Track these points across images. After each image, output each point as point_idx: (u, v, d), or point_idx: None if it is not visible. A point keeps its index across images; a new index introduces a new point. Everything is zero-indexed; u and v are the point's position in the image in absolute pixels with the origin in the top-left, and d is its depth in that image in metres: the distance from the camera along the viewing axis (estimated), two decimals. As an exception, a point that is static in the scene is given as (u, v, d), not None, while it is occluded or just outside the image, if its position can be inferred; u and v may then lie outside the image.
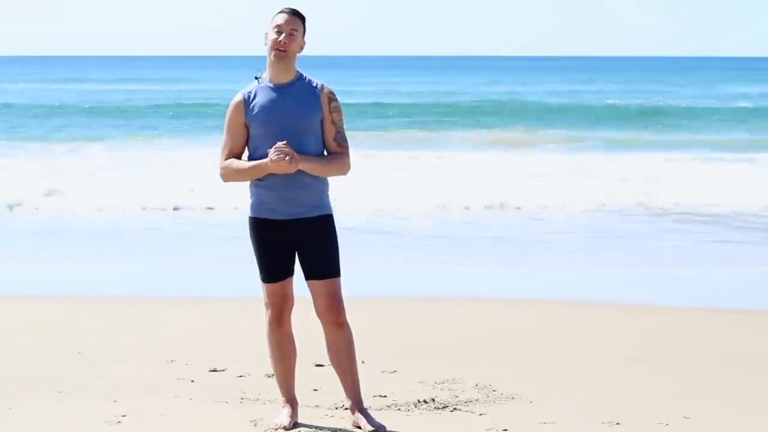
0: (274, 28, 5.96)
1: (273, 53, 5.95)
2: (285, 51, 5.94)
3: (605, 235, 15.81)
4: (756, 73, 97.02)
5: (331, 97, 6.03)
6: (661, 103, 48.85)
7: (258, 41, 6.00)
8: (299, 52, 6.00)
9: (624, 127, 36.35)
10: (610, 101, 49.95)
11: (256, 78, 6.06)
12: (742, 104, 47.99)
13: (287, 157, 5.80)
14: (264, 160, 5.87)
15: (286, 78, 6.01)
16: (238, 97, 6.03)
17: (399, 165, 24.05)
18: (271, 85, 6.01)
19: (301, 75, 6.04)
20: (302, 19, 5.99)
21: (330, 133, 6.02)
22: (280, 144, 5.83)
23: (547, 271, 12.69)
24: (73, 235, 15.59)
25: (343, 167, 6.03)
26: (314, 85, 6.03)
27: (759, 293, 11.54)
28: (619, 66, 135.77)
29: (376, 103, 46.22)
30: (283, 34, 5.93)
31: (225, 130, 6.04)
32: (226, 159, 6.03)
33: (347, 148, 6.06)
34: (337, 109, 6.04)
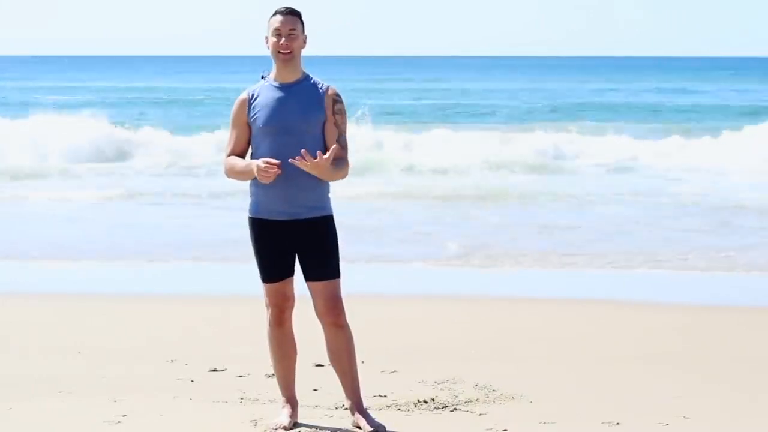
0: (273, 32, 5.94)
1: (278, 58, 5.95)
2: (289, 53, 5.95)
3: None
4: None
5: (336, 99, 5.99)
6: None
7: (258, 41, 6.01)
8: (303, 48, 6.00)
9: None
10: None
11: (263, 77, 6.06)
12: None
13: (273, 175, 5.77)
14: (253, 163, 5.85)
15: (292, 78, 6.00)
16: (243, 95, 6.03)
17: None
18: (276, 84, 6.00)
19: (308, 75, 6.03)
20: (298, 15, 5.98)
21: (332, 135, 5.96)
22: (273, 161, 5.79)
23: (547, 271, 12.69)
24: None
25: (344, 172, 5.99)
26: (319, 86, 6.01)
27: (760, 292, 11.54)
28: (622, 66, 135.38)
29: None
30: (283, 38, 5.93)
31: (230, 127, 6.05)
32: (228, 156, 6.04)
33: (347, 152, 6.02)
34: (341, 112, 6.00)
